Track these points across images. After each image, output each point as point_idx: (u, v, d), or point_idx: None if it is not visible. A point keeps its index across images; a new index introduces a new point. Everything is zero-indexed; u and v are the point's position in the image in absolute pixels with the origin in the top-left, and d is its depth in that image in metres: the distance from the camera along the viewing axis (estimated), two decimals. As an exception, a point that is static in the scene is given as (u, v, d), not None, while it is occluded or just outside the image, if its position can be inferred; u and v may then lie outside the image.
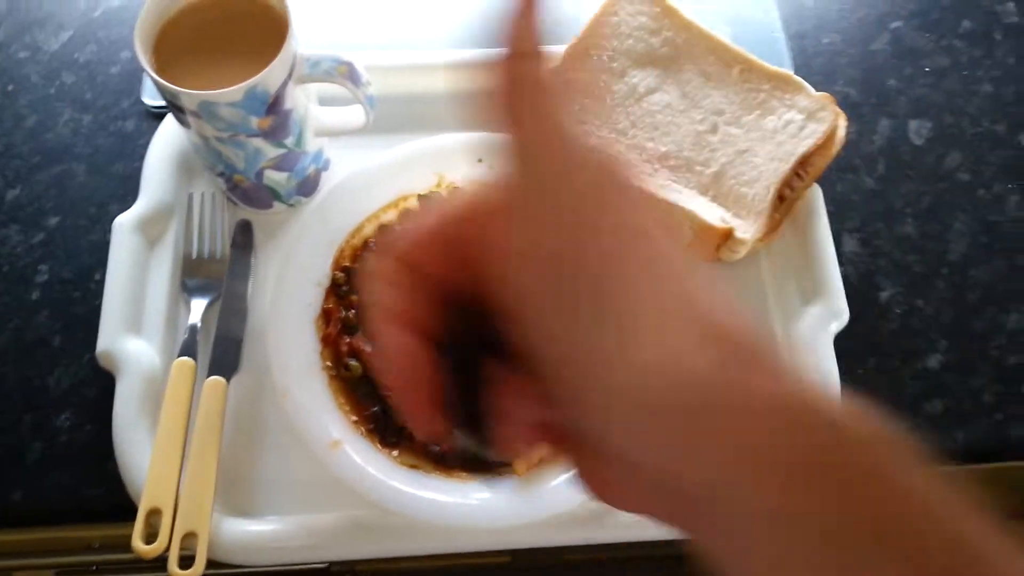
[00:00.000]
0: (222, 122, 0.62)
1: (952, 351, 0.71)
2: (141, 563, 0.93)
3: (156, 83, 0.60)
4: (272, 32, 0.62)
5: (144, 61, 0.61)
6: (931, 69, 0.83)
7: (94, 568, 0.96)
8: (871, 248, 0.75)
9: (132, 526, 0.60)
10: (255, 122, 0.62)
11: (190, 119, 0.63)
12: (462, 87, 0.84)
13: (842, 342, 0.69)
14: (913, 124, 0.81)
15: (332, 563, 0.96)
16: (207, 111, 0.61)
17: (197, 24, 0.64)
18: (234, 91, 0.59)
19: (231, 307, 0.69)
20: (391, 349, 0.29)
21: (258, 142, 0.65)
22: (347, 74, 0.64)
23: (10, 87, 0.81)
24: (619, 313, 0.26)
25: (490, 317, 0.28)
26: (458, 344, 0.30)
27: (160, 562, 0.60)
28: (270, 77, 0.60)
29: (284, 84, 0.62)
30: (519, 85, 0.28)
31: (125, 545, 0.86)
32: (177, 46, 0.63)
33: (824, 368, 0.66)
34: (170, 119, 0.74)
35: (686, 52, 0.74)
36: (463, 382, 0.29)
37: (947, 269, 0.74)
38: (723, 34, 0.74)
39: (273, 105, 0.62)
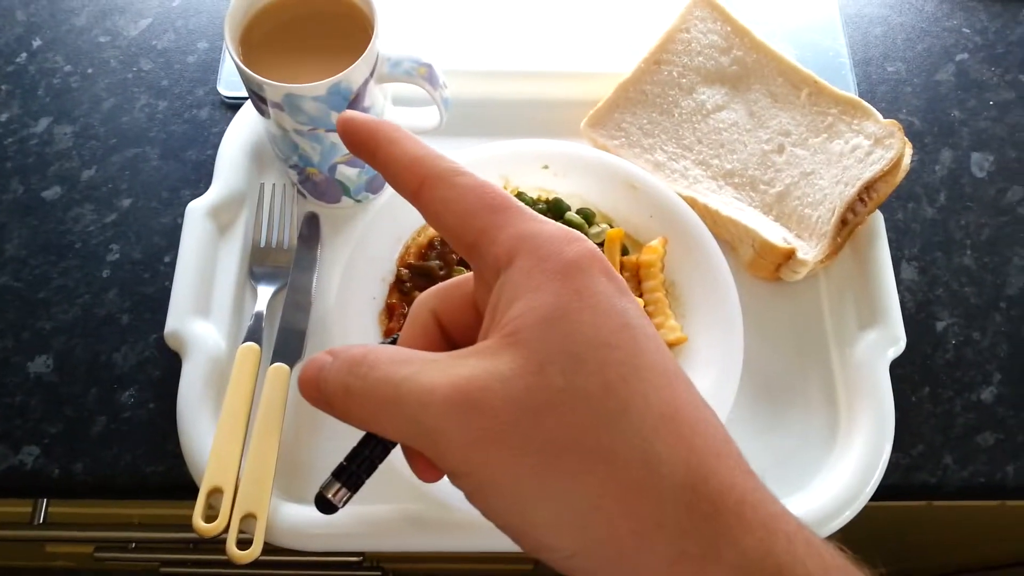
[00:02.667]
0: (303, 115, 0.63)
1: (1006, 384, 0.71)
2: (175, 543, 0.95)
3: (242, 72, 0.62)
4: (357, 31, 0.64)
5: (232, 51, 0.62)
6: (995, 103, 0.84)
7: (132, 545, 0.98)
8: (929, 277, 0.75)
9: (181, 505, 0.61)
10: (335, 117, 0.64)
11: (271, 110, 0.64)
12: (531, 95, 0.86)
13: (896, 369, 0.69)
14: (975, 156, 0.81)
15: (365, 556, 0.98)
16: (290, 104, 0.62)
17: (284, 19, 0.66)
18: (318, 86, 0.61)
19: (296, 298, 0.71)
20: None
21: (335, 137, 0.66)
22: (426, 75, 0.65)
23: (90, 70, 0.83)
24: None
25: None
26: None
27: (195, 542, 0.61)
28: (354, 74, 0.62)
29: (366, 82, 0.63)
30: None
31: (163, 524, 0.88)
32: (263, 39, 0.65)
33: (879, 394, 0.67)
34: (246, 109, 0.76)
35: (755, 72, 0.75)
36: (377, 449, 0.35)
37: (1004, 303, 0.74)
38: (790, 57, 0.75)
39: (354, 102, 0.63)
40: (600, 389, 0.29)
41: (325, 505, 0.33)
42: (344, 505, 0.33)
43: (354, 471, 0.34)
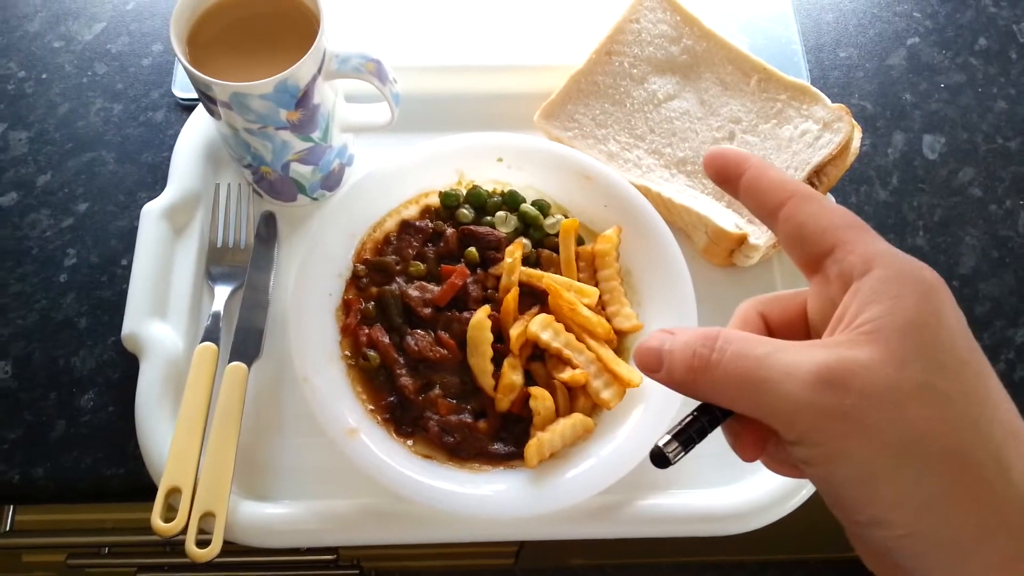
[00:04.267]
0: (252, 114, 0.63)
1: (959, 362, 0.72)
2: (150, 546, 0.95)
3: (189, 73, 0.62)
4: (303, 29, 0.64)
5: (179, 51, 0.62)
6: (946, 85, 0.85)
7: (105, 550, 0.98)
8: (882, 259, 0.76)
9: (148, 508, 0.61)
10: (284, 115, 0.64)
11: (221, 110, 0.64)
12: (484, 89, 0.86)
13: (851, 350, 0.70)
14: (927, 139, 0.82)
15: (340, 552, 0.98)
16: (238, 102, 0.63)
17: (231, 19, 0.66)
18: (265, 83, 0.61)
19: (253, 296, 0.71)
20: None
21: (286, 135, 0.66)
22: (375, 71, 0.66)
23: (44, 75, 0.83)
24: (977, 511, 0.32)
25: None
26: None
27: (170, 544, 0.61)
28: (300, 71, 0.62)
29: (314, 79, 0.63)
30: None
31: (136, 528, 0.88)
32: (211, 39, 0.65)
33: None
34: (200, 111, 0.76)
35: (705, 60, 0.75)
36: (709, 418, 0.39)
37: (957, 282, 0.75)
38: (742, 44, 0.76)
39: (302, 99, 0.64)
40: (959, 395, 0.33)
41: (660, 459, 0.37)
42: (676, 462, 0.38)
43: (691, 435, 0.38)
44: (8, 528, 0.82)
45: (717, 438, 0.67)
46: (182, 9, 0.64)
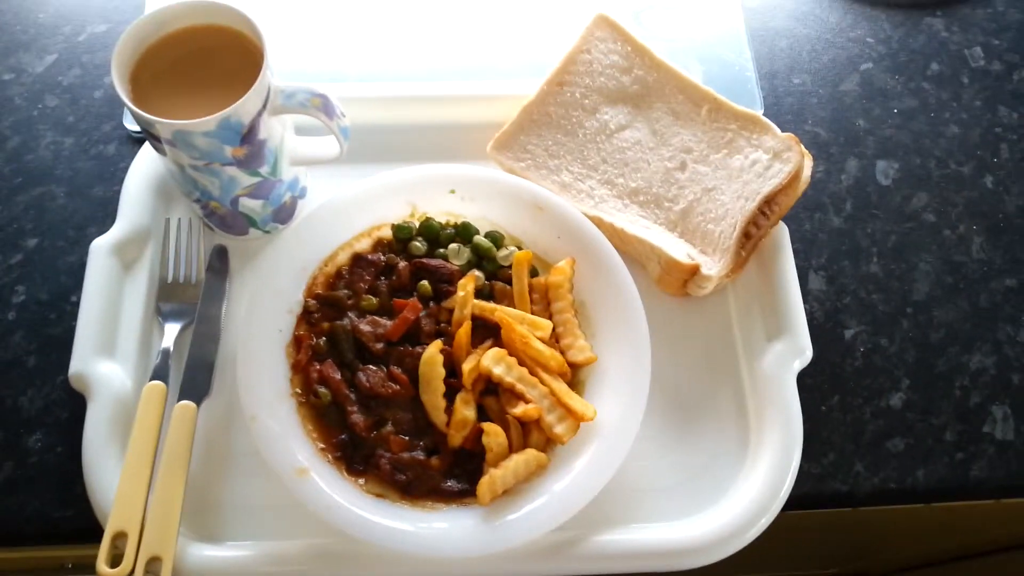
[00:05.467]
0: (197, 151, 0.63)
1: (915, 390, 0.73)
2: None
3: (132, 111, 0.61)
4: (248, 63, 0.63)
5: (121, 90, 0.62)
6: (899, 110, 0.85)
7: (62, 589, 0.96)
8: (837, 286, 0.76)
9: (100, 548, 0.60)
10: (229, 151, 0.64)
11: (166, 147, 0.64)
12: (435, 120, 0.86)
13: (806, 379, 0.70)
14: (881, 164, 0.82)
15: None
16: (182, 140, 0.62)
17: (174, 55, 0.65)
18: (208, 121, 0.60)
19: (204, 331, 0.70)
20: None
21: (232, 171, 0.66)
22: (321, 106, 0.65)
23: (-7, 109, 0.82)
24: None
25: None
26: None
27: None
28: (244, 108, 0.61)
29: (259, 115, 0.63)
30: None
31: (92, 566, 0.86)
32: (154, 76, 0.65)
33: (787, 405, 0.67)
34: (150, 144, 0.75)
35: (656, 90, 0.75)
36: None
37: (911, 308, 0.76)
38: (696, 73, 0.76)
39: (247, 135, 0.63)
40: None
41: None
42: None
43: None
44: (-41, 569, 0.80)
45: (673, 469, 0.67)
46: (124, 46, 0.63)
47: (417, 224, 0.72)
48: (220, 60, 0.65)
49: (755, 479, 0.66)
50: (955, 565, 1.18)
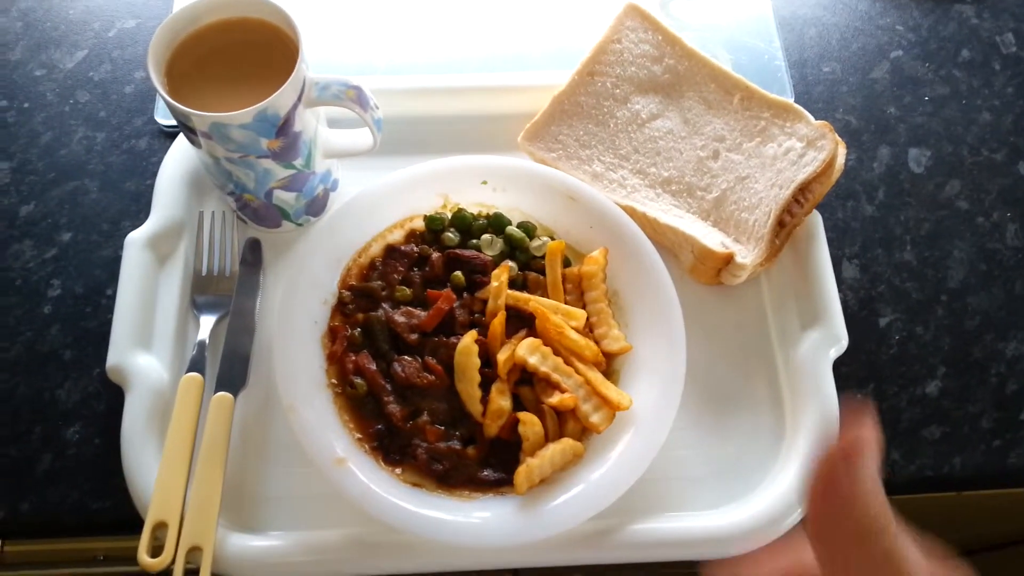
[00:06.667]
0: (232, 143, 0.63)
1: (950, 378, 0.72)
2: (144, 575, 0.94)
3: (168, 104, 0.62)
4: (283, 56, 0.64)
5: (157, 82, 0.62)
6: (930, 98, 0.85)
7: (97, 580, 0.97)
8: (870, 274, 0.76)
9: (138, 539, 0.60)
10: (265, 143, 0.64)
11: (201, 140, 0.64)
12: (467, 111, 0.86)
13: (840, 367, 0.70)
14: (913, 152, 0.82)
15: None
16: (218, 132, 0.62)
17: (210, 47, 0.66)
18: (245, 113, 0.61)
19: (239, 324, 0.70)
20: None
21: (268, 163, 0.66)
22: (355, 98, 0.65)
23: (26, 104, 0.83)
24: None
25: None
26: None
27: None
28: (280, 100, 0.61)
29: (294, 107, 0.63)
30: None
31: (130, 557, 0.87)
32: (190, 68, 0.65)
33: (823, 393, 0.67)
34: (182, 138, 0.75)
35: (688, 79, 0.75)
36: None
37: (946, 296, 0.75)
38: (725, 62, 0.76)
39: (283, 127, 0.63)
40: None
41: None
42: None
43: None
44: (-3, 561, 0.81)
45: (708, 459, 0.67)
46: (160, 39, 0.63)
47: (449, 215, 0.72)
48: (253, 53, 0.65)
49: (791, 468, 0.66)
50: (989, 554, 1.17)
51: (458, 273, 0.69)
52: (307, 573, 0.63)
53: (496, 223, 0.72)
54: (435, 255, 0.70)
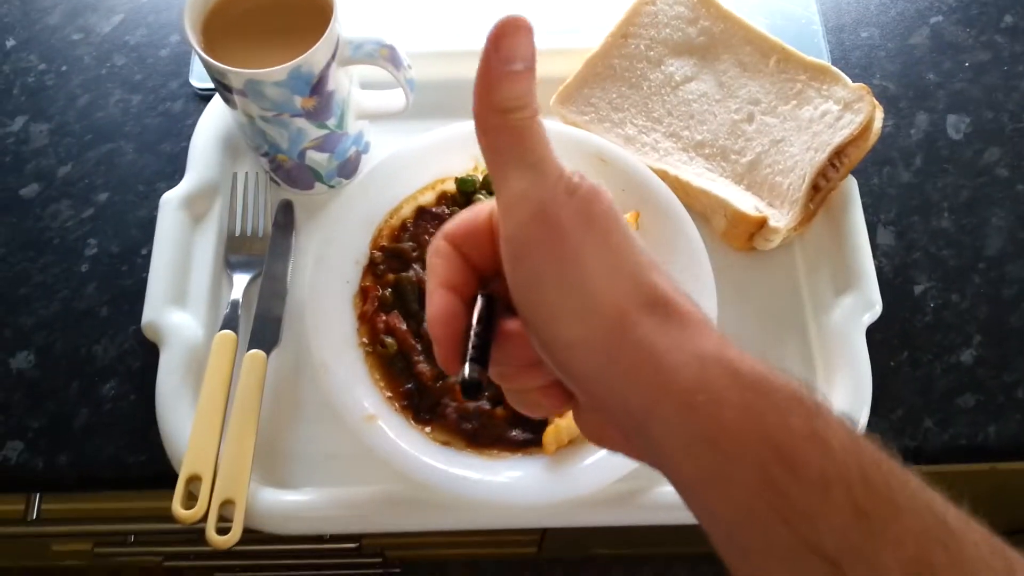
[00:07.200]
0: (267, 101, 0.63)
1: (986, 346, 0.71)
2: (175, 534, 0.96)
3: (204, 61, 0.62)
4: (317, 15, 0.64)
5: (193, 40, 0.63)
6: (970, 64, 0.83)
7: (131, 538, 0.99)
8: (906, 241, 0.75)
9: (171, 496, 0.61)
10: (299, 102, 0.64)
11: (236, 98, 0.64)
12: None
13: (874, 334, 0.69)
14: (951, 119, 0.80)
15: (363, 541, 0.99)
16: (253, 90, 0.63)
17: (244, 7, 0.66)
18: (279, 70, 0.61)
19: (271, 284, 0.71)
20: (436, 304, 0.38)
21: (301, 122, 0.66)
22: (389, 57, 0.66)
23: (64, 68, 0.84)
24: (574, 286, 0.35)
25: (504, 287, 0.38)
26: (483, 303, 0.39)
27: (194, 532, 0.62)
28: (314, 57, 0.62)
29: (328, 65, 0.63)
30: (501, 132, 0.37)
31: (160, 516, 0.89)
32: (225, 27, 0.65)
33: (856, 359, 0.67)
34: (217, 100, 0.76)
35: (723, 42, 0.74)
36: (483, 332, 0.38)
37: (983, 264, 0.74)
38: (760, 25, 0.75)
39: (317, 86, 0.64)
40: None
41: (471, 388, 0.36)
42: (477, 377, 0.37)
43: (483, 350, 0.38)
44: (35, 517, 0.83)
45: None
46: (195, 1, 0.64)
47: (480, 177, 0.72)
48: (288, 13, 0.66)
49: (822, 433, 0.65)
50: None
51: (489, 235, 0.69)
52: (337, 528, 0.64)
53: (527, 186, 0.72)
54: (466, 217, 0.71)
